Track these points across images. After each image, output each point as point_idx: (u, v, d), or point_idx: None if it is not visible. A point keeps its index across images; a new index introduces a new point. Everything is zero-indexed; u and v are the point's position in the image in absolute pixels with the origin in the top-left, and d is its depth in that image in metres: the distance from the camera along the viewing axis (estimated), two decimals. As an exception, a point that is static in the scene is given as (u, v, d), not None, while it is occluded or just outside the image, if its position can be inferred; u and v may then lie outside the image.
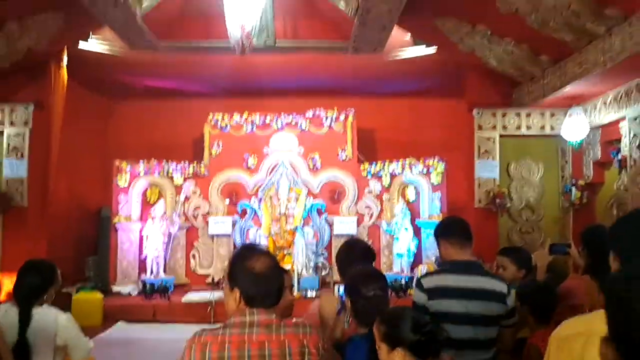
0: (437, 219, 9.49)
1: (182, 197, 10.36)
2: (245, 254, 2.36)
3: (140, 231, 10.01)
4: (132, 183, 10.14)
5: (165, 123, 11.58)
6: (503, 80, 9.08)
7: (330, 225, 10.51)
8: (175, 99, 11.40)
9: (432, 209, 10.03)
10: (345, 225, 10.35)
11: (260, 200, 10.40)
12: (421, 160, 10.25)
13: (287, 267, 8.75)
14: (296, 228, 10.12)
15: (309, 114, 10.68)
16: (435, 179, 10.07)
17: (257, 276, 2.27)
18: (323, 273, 10.03)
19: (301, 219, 10.31)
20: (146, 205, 10.22)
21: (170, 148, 11.26)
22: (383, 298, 3.01)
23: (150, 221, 9.89)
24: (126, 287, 9.62)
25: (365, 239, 9.62)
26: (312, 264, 9.97)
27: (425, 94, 11.18)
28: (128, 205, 10.04)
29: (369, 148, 11.25)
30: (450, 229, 3.50)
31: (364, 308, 2.90)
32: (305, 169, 10.66)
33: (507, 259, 4.26)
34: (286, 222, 10.23)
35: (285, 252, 9.86)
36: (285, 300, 2.90)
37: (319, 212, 10.60)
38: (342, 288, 3.16)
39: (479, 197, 9.45)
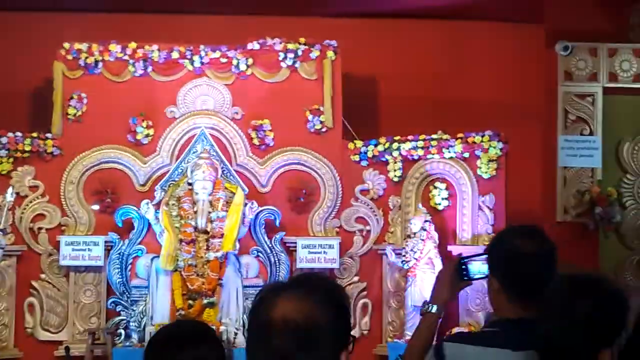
0: (487, 242, 8.37)
1: (8, 197, 8.82)
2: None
3: None
4: None
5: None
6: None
7: (291, 253, 9.19)
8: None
9: (479, 225, 9.00)
10: (317, 253, 9.09)
11: (158, 204, 8.96)
12: (460, 137, 9.07)
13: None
14: (226, 256, 8.75)
15: (253, 45, 9.23)
16: (486, 169, 8.91)
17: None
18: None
19: (235, 239, 8.84)
20: None
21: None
22: None
23: (-57, 241, 8.66)
24: None
25: (354, 277, 8.86)
26: (254, 323, 8.30)
27: (470, 13, 9.84)
28: None
29: (365, 111, 9.95)
30: (514, 254, 2.72)
31: None
32: (245, 148, 9.32)
33: None
34: (207, 246, 8.86)
35: (206, 300, 8.65)
36: None
37: (270, 228, 9.24)
38: None
39: (564, 202, 8.60)
